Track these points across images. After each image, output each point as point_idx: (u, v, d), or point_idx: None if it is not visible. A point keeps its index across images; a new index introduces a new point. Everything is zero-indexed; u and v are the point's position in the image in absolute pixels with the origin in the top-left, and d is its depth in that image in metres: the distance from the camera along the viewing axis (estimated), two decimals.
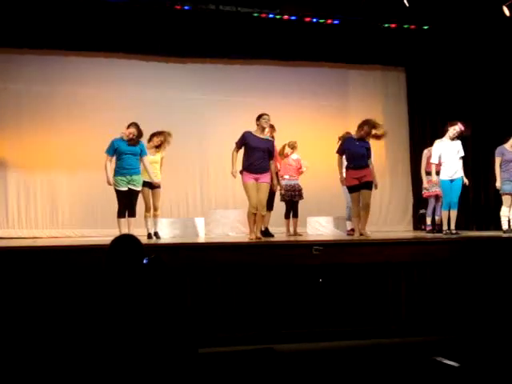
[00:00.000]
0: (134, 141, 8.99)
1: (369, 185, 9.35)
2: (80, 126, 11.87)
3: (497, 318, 7.52)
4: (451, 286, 7.78)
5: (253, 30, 12.15)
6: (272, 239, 9.06)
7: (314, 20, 12.37)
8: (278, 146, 10.12)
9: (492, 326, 7.38)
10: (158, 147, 9.82)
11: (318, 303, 7.37)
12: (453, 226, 9.80)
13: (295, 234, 10.35)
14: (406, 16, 12.11)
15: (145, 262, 3.97)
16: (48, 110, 11.82)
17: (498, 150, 10.02)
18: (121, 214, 8.97)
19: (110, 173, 8.96)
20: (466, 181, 10.01)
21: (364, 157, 9.44)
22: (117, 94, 12.14)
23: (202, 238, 10.14)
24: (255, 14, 11.96)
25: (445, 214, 9.82)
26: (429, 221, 10.78)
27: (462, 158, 9.78)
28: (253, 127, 12.54)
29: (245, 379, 3.48)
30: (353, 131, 11.10)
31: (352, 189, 9.41)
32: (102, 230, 11.16)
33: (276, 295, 7.30)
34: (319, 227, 10.66)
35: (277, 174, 9.71)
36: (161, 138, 9.78)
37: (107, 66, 12.17)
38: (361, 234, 9.33)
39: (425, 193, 10.93)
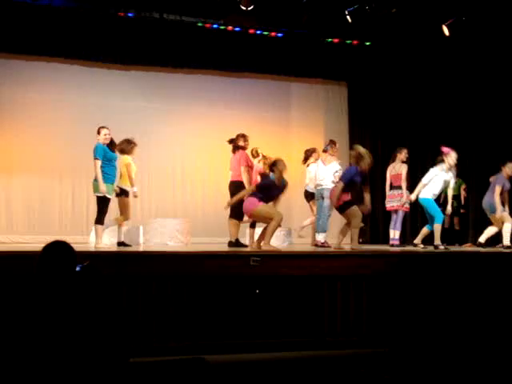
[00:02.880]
0: (112, 145, 8.96)
1: None
2: (18, 129, 11.70)
3: (431, 332, 7.63)
4: (387, 299, 7.86)
5: (197, 39, 12.16)
6: (209, 250, 8.99)
7: (258, 32, 12.44)
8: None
9: (426, 340, 7.48)
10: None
11: (254, 314, 7.36)
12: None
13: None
14: (349, 32, 12.29)
15: (77, 269, 3.91)
16: None
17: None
18: (102, 221, 8.83)
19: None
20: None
21: None
22: (57, 98, 12.04)
23: (139, 247, 10.03)
24: (199, 24, 11.96)
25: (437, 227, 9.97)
26: (392, 234, 10.82)
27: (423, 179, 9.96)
28: (197, 136, 12.61)
29: None
30: (295, 143, 11.23)
31: None
32: (38, 237, 10.94)
33: (212, 306, 7.26)
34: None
35: None
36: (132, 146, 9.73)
37: (48, 70, 12.05)
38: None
39: (386, 206, 11.00)
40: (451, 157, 9.73)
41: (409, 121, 13.36)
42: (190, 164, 12.81)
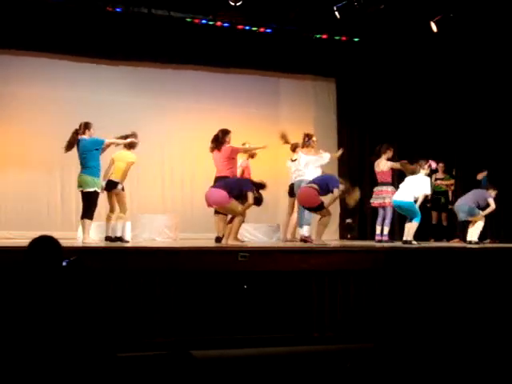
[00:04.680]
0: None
1: None
2: (6, 123, 11.65)
3: (419, 328, 7.66)
4: (374, 294, 7.89)
5: (185, 35, 12.13)
6: (198, 245, 8.99)
7: (247, 28, 12.43)
8: None
9: (414, 336, 7.51)
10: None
11: (241, 310, 7.37)
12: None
13: None
14: (338, 28, 12.31)
15: (64, 264, 3.91)
16: None
17: None
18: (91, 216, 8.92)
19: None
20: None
21: None
22: (45, 93, 11.94)
23: (127, 242, 10.00)
24: (188, 20, 11.93)
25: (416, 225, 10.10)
26: (378, 230, 10.86)
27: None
28: (185, 131, 12.59)
29: (158, 382, 3.46)
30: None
31: None
32: (27, 233, 10.87)
33: (200, 301, 7.28)
34: (247, 234, 10.67)
35: None
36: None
37: (36, 65, 11.94)
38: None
39: (372, 202, 11.06)
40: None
41: (397, 117, 13.40)
42: (179, 160, 12.79)
